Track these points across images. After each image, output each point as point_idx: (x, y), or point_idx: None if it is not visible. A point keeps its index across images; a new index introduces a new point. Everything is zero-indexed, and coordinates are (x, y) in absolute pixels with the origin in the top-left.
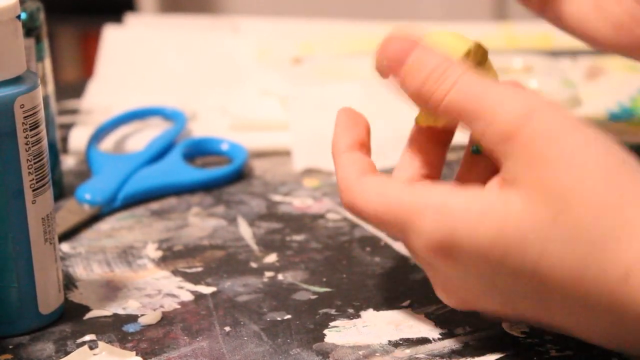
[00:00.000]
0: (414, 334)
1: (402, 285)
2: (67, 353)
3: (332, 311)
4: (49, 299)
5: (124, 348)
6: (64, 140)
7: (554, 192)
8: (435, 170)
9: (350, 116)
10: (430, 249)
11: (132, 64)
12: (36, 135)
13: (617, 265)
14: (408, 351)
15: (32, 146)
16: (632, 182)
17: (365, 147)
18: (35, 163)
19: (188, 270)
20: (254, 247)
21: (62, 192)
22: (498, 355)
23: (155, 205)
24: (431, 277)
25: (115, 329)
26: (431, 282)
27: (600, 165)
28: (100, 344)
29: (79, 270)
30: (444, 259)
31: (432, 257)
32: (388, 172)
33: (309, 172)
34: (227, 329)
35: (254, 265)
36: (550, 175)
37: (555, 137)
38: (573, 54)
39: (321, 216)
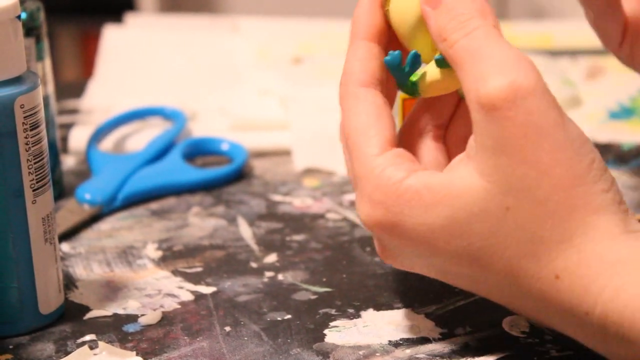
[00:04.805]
0: (414, 334)
1: (402, 285)
2: (67, 353)
3: (332, 311)
4: (49, 299)
5: (124, 348)
6: (64, 140)
7: (512, 185)
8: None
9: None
10: (372, 222)
11: (132, 64)
12: (36, 135)
13: (550, 268)
14: (408, 351)
15: (32, 146)
16: (587, 196)
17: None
18: (35, 163)
19: (188, 270)
20: (254, 247)
21: (62, 192)
22: (498, 356)
23: (155, 205)
24: (374, 238)
25: (116, 329)
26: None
27: (563, 173)
28: (101, 344)
29: (79, 270)
30: (386, 233)
31: (372, 230)
32: None
33: (309, 171)
34: (228, 329)
35: (254, 265)
36: (513, 167)
37: (528, 132)
38: (573, 53)
39: (321, 216)
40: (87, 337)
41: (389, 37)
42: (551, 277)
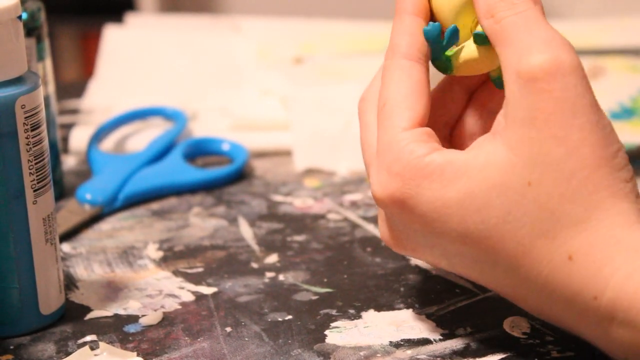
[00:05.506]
0: (415, 335)
1: (403, 285)
2: (68, 353)
3: (333, 312)
4: (49, 300)
5: (125, 348)
6: (65, 140)
7: (538, 159)
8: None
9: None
10: (386, 194)
11: (133, 64)
12: (37, 135)
13: (563, 249)
14: (409, 352)
15: (33, 146)
16: (610, 179)
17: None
18: (36, 163)
19: (189, 271)
20: (255, 247)
21: (62, 192)
22: (499, 356)
23: (156, 206)
24: (380, 212)
25: (116, 330)
26: (378, 216)
27: (590, 153)
28: (101, 344)
29: (79, 271)
30: (397, 207)
31: (383, 203)
32: None
33: (310, 172)
34: (228, 329)
35: (254, 265)
36: (542, 141)
37: (562, 108)
38: None
39: (322, 216)
40: (88, 338)
41: (430, 16)
42: (564, 258)
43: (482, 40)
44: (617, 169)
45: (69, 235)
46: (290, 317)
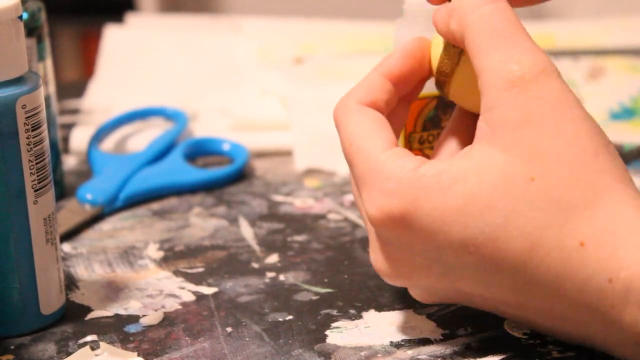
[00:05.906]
0: (415, 335)
1: None
2: (68, 353)
3: (334, 312)
4: (50, 300)
5: (126, 349)
6: (65, 140)
7: (538, 154)
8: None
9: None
10: (384, 215)
11: (133, 64)
12: (38, 135)
13: (574, 236)
14: (410, 352)
15: (34, 146)
16: (612, 163)
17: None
18: (37, 163)
19: (189, 271)
20: (256, 247)
21: (63, 192)
22: (500, 357)
23: (156, 206)
24: (372, 241)
25: (117, 330)
26: (370, 246)
27: (587, 142)
28: (102, 344)
29: (80, 271)
30: (396, 226)
31: (382, 225)
32: None
33: (310, 172)
34: (229, 329)
35: (255, 265)
36: (540, 137)
37: (555, 106)
38: (574, 54)
39: (322, 216)
40: (89, 338)
41: (405, 83)
42: (575, 245)
43: None
44: (614, 155)
45: (69, 235)
46: (290, 317)
